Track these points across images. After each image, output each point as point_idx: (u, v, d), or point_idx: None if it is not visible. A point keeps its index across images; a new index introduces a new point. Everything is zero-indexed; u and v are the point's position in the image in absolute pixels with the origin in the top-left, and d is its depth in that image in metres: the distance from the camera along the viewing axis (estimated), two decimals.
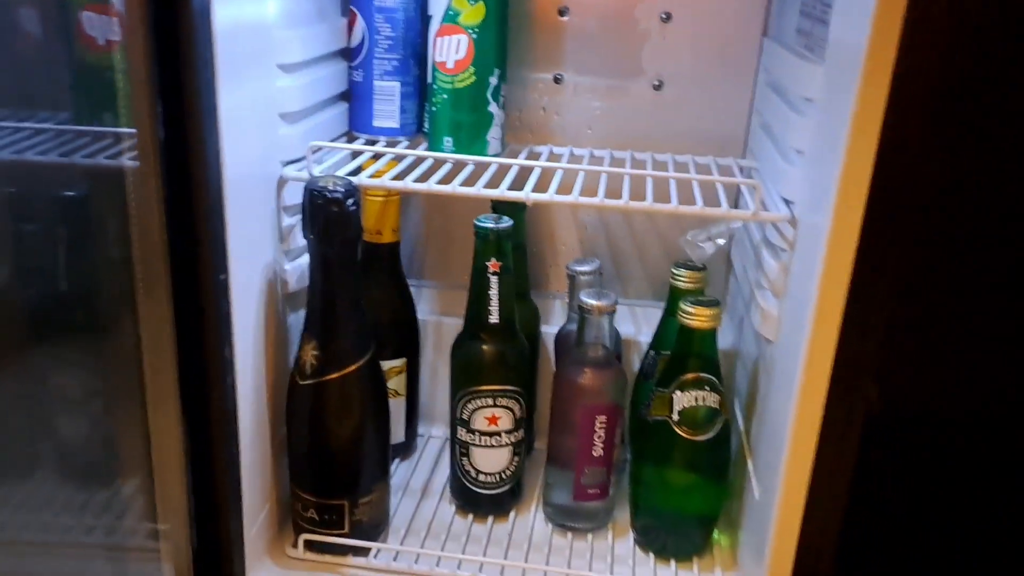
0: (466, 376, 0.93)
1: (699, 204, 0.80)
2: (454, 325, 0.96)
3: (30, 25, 0.71)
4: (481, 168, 0.87)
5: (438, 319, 1.09)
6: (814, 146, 0.74)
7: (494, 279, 0.89)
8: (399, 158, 0.89)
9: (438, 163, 0.88)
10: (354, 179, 0.82)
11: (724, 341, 1.03)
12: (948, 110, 0.75)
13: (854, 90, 0.64)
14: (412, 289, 1.07)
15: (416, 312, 1.05)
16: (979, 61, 0.91)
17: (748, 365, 0.95)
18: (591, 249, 1.10)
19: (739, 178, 0.84)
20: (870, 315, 0.70)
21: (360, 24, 0.91)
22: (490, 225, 0.88)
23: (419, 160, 0.89)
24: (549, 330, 1.07)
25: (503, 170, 0.87)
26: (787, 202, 0.79)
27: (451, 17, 0.86)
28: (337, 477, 0.85)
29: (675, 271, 0.94)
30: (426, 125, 0.94)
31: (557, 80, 1.03)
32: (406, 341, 1.03)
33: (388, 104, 0.93)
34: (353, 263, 0.82)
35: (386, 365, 1.00)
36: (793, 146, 0.78)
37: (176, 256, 0.67)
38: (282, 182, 0.84)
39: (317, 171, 0.84)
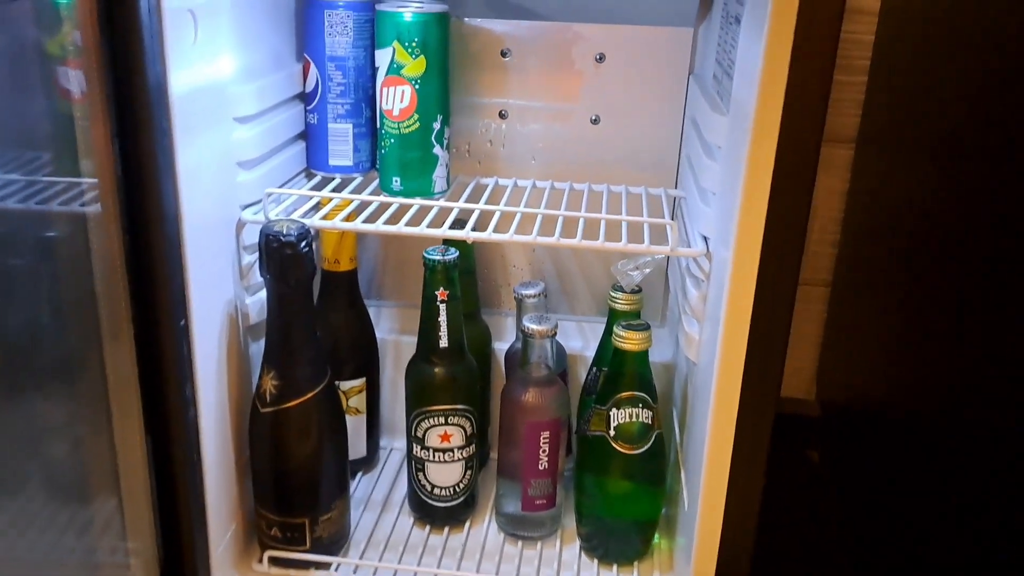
0: (419, 397, 0.99)
1: (623, 241, 0.87)
2: (413, 343, 1.02)
3: (11, 76, 0.75)
4: (427, 207, 0.94)
5: (397, 338, 1.16)
6: (722, 188, 0.81)
7: (442, 307, 0.96)
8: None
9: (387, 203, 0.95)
10: (307, 221, 0.89)
11: (663, 355, 1.11)
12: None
13: (748, 142, 0.71)
14: (372, 310, 1.14)
15: (375, 333, 1.11)
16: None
17: (682, 379, 1.02)
18: (539, 270, 1.17)
19: (665, 219, 0.91)
20: (771, 340, 0.77)
21: (314, 71, 0.97)
22: (437, 257, 0.95)
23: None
24: (501, 346, 1.13)
25: (448, 207, 0.94)
26: (705, 238, 0.86)
27: (395, 69, 0.92)
28: (297, 497, 0.92)
29: (613, 294, 1.01)
30: (378, 164, 1.01)
31: (502, 115, 1.09)
32: (365, 361, 1.10)
33: (342, 144, 1.00)
34: (307, 299, 0.89)
35: (346, 385, 1.07)
36: (707, 188, 0.85)
37: (137, 304, 0.74)
38: (241, 224, 0.90)
39: (274, 213, 0.91)
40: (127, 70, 0.69)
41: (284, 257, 0.84)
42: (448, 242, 0.98)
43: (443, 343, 0.97)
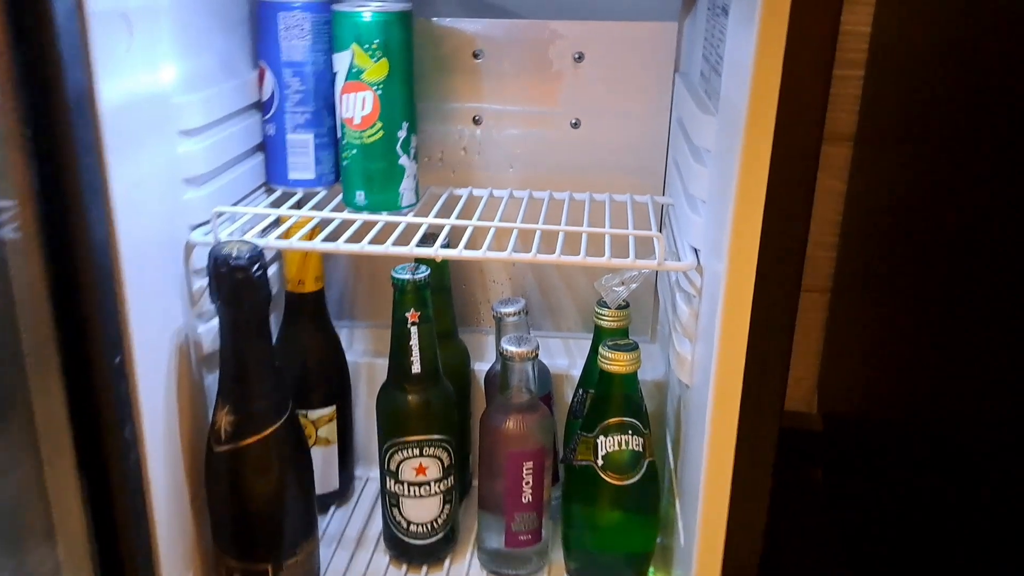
0: (391, 427, 0.92)
1: (607, 255, 0.79)
2: (387, 366, 0.95)
3: None
4: (395, 222, 0.87)
5: (371, 361, 1.08)
6: (712, 196, 0.74)
7: (414, 329, 0.89)
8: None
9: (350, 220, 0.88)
10: (261, 241, 0.82)
11: (655, 373, 1.04)
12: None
13: (740, 144, 0.64)
14: (344, 332, 1.07)
15: (345, 357, 1.04)
16: None
17: (675, 399, 0.95)
18: (521, 285, 1.09)
19: (652, 230, 0.83)
20: (771, 360, 0.70)
21: (269, 78, 0.90)
22: (407, 276, 0.88)
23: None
24: (482, 367, 1.06)
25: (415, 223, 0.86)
26: (695, 250, 0.79)
27: (355, 74, 0.85)
28: (259, 541, 0.85)
29: (598, 311, 0.94)
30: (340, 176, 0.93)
31: (476, 121, 1.02)
32: (336, 388, 1.03)
33: (303, 156, 0.93)
34: (263, 326, 0.81)
35: (315, 414, 0.99)
36: (696, 195, 0.78)
37: (65, 340, 0.66)
38: (190, 247, 0.83)
39: (226, 233, 0.84)
40: (42, 80, 0.61)
41: (235, 282, 0.77)
42: (420, 259, 0.90)
43: (415, 368, 0.90)
